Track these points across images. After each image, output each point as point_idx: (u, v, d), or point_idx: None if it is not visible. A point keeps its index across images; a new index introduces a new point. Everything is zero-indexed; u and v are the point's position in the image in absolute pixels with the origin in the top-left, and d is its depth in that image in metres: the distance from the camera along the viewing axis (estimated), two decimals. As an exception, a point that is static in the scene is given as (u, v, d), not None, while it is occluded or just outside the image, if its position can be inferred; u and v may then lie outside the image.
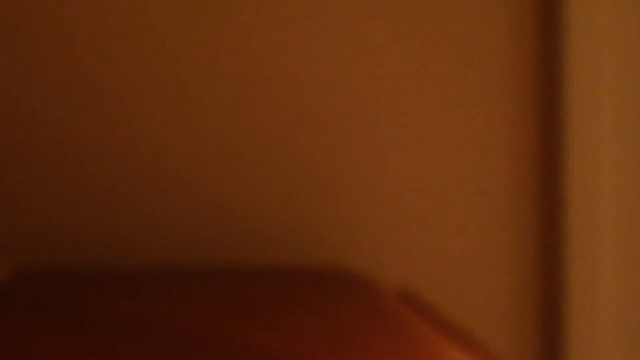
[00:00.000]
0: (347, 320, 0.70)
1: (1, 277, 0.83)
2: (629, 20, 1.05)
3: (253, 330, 0.67)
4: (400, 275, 1.06)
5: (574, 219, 1.04)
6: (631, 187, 1.05)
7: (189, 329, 0.67)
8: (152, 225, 1.03)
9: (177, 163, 1.04)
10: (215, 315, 0.72)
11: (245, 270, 0.96)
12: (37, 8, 1.02)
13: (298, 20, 1.05)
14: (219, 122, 1.04)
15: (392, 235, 1.06)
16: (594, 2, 1.04)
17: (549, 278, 1.07)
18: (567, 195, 1.04)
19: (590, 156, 1.04)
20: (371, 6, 1.05)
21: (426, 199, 1.06)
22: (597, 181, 1.05)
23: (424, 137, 1.06)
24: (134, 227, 1.03)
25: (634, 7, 1.05)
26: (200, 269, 0.97)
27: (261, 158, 1.04)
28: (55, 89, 1.02)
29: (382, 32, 1.06)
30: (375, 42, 1.05)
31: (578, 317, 1.04)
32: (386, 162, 1.06)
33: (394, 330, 0.68)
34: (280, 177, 1.05)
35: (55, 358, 0.59)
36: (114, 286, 0.85)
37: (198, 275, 0.93)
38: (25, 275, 0.92)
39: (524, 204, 1.07)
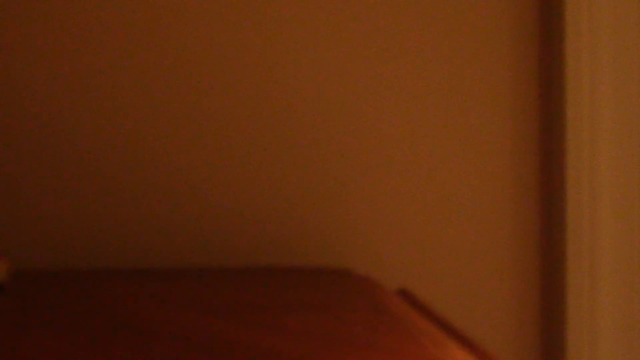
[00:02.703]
0: (347, 320, 0.70)
1: (1, 277, 0.83)
2: (629, 20, 1.05)
3: (253, 330, 0.67)
4: (400, 276, 1.06)
5: (573, 218, 1.04)
6: (631, 187, 1.05)
7: (189, 329, 0.67)
8: (154, 226, 1.03)
9: (179, 164, 1.04)
10: (215, 315, 0.72)
11: (246, 271, 0.97)
12: (39, 7, 1.02)
13: (302, 23, 1.05)
14: (224, 125, 1.04)
15: (393, 236, 1.06)
16: (594, 2, 1.04)
17: (549, 278, 1.07)
18: (567, 195, 1.04)
19: (590, 156, 1.05)
20: (375, 9, 1.05)
21: (427, 201, 1.06)
22: (597, 181, 1.05)
23: (425, 140, 1.06)
24: (135, 228, 1.03)
25: (634, 7, 1.05)
26: (202, 269, 0.97)
27: (264, 161, 1.04)
28: (54, 89, 1.02)
29: (385, 35, 1.06)
30: (377, 45, 1.05)
31: (578, 317, 1.04)
32: (387, 164, 1.06)
33: (394, 329, 0.68)
34: (281, 180, 1.05)
35: (55, 358, 0.59)
36: (114, 286, 0.85)
37: (199, 275, 0.93)
38: (25, 275, 0.92)
39: (524, 205, 1.07)
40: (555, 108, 1.06)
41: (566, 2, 1.04)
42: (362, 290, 0.84)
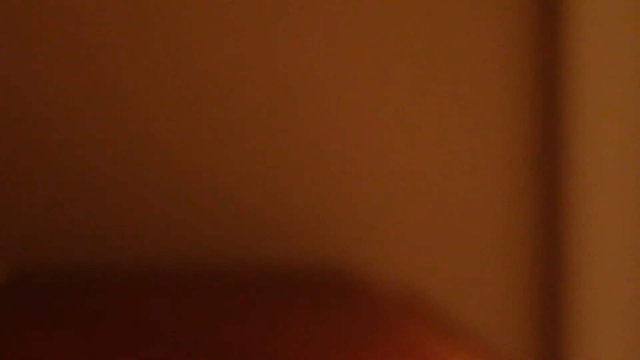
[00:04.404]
0: (345, 320, 0.70)
1: (1, 277, 0.83)
2: (630, 20, 1.05)
3: (252, 331, 0.67)
4: (400, 274, 1.06)
5: (574, 218, 1.04)
6: (632, 188, 1.05)
7: (188, 330, 0.67)
8: (153, 225, 1.03)
9: (179, 163, 1.04)
10: (214, 316, 0.72)
11: (244, 271, 0.97)
12: (41, 7, 1.02)
13: (302, 21, 1.05)
14: (223, 119, 1.04)
15: (393, 234, 1.06)
16: (595, 2, 1.04)
17: (549, 278, 1.07)
18: (567, 195, 1.04)
19: (591, 157, 1.04)
20: (374, 9, 1.05)
21: (428, 199, 1.06)
22: (598, 181, 1.05)
23: (426, 138, 1.06)
24: (134, 227, 1.03)
25: (634, 7, 1.05)
26: (200, 269, 0.98)
27: (263, 159, 1.04)
28: (53, 86, 1.02)
29: (385, 34, 1.06)
30: (378, 44, 1.05)
31: (578, 316, 1.04)
32: (387, 162, 1.06)
33: (393, 329, 0.68)
34: (281, 176, 1.05)
35: (55, 359, 0.59)
36: (115, 286, 0.86)
37: (198, 275, 0.93)
38: (25, 275, 0.92)
39: (525, 205, 1.07)
40: (556, 109, 1.06)
41: (567, 0, 1.04)
42: (361, 290, 0.84)
